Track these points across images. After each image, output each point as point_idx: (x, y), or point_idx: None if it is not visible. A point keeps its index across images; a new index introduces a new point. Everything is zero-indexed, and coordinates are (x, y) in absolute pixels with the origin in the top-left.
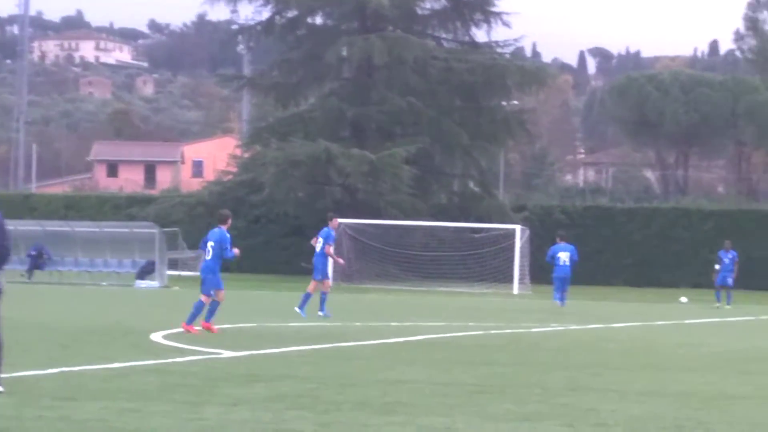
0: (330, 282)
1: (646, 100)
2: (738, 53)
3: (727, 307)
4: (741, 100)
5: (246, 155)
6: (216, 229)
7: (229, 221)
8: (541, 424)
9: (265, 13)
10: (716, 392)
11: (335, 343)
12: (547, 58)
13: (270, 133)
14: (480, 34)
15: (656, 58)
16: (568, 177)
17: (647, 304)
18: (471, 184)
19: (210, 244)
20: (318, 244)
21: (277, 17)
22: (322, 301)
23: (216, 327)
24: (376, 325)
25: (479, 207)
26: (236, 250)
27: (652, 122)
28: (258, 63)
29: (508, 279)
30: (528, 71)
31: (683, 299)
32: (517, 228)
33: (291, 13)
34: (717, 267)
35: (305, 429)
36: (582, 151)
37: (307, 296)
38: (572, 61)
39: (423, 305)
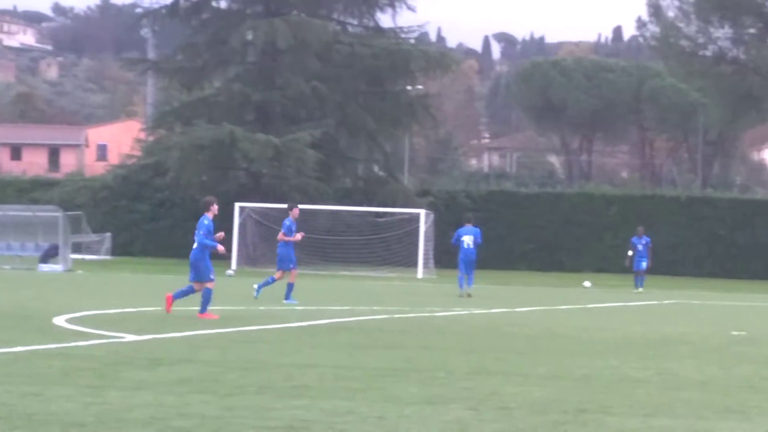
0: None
1: (550, 85)
2: (641, 39)
3: (640, 290)
4: (644, 85)
5: (150, 139)
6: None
7: (213, 207)
8: (444, 407)
9: None
10: (618, 376)
11: (239, 327)
12: (452, 43)
13: (174, 117)
14: (385, 19)
15: (560, 44)
16: (473, 162)
17: (551, 289)
18: (376, 169)
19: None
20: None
21: (182, 1)
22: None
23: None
24: (281, 309)
25: (384, 191)
26: (220, 247)
27: (556, 107)
28: (163, 47)
29: (413, 263)
30: (432, 56)
31: (587, 284)
32: (422, 212)
33: None
34: (630, 253)
35: (208, 412)
36: (487, 136)
37: (289, 286)
38: (477, 46)
39: (328, 289)
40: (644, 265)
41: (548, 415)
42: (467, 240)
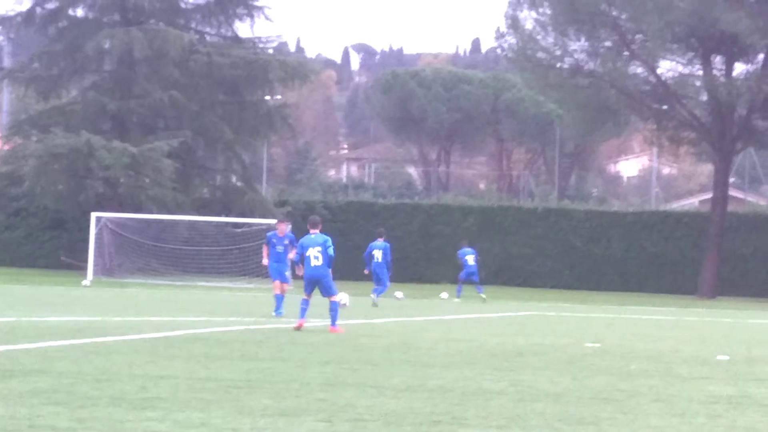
0: (287, 286)
1: (409, 96)
2: (499, 51)
3: (483, 296)
4: (501, 97)
5: (6, 148)
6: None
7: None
8: (298, 419)
9: (26, 4)
10: (473, 387)
11: (93, 338)
12: (311, 53)
13: (30, 125)
14: (244, 29)
15: (419, 56)
16: (332, 172)
17: (408, 300)
18: (234, 179)
19: None
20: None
21: (38, 8)
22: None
23: None
24: (136, 320)
25: (242, 201)
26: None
27: (414, 118)
28: (18, 54)
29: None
30: (290, 66)
31: (444, 295)
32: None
33: (52, 5)
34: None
35: (60, 424)
36: (345, 146)
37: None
38: (336, 57)
39: (184, 300)
40: (475, 277)
41: (402, 427)
42: (377, 254)
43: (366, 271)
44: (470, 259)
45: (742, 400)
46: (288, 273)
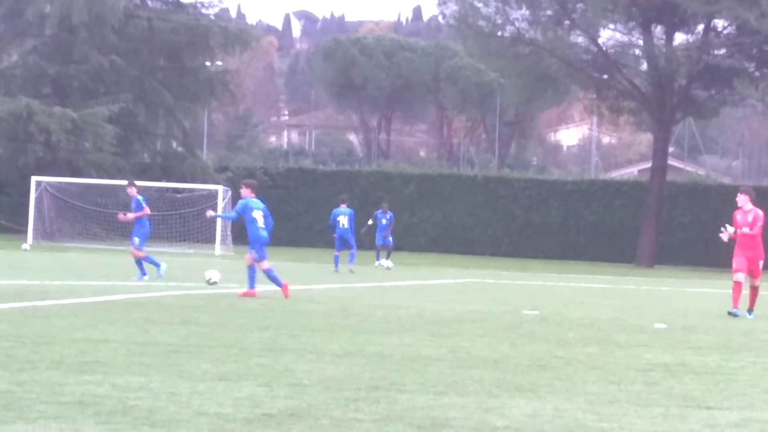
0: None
1: (350, 63)
2: (440, 19)
3: (388, 264)
4: (443, 65)
5: None
6: None
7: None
8: (237, 383)
9: None
10: (411, 354)
11: (33, 302)
12: (252, 20)
13: None
14: None
15: (361, 23)
16: (273, 139)
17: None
18: (174, 144)
19: None
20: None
21: None
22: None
23: None
24: (76, 284)
25: (182, 167)
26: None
27: (356, 86)
28: None
29: (211, 239)
30: (232, 32)
31: (383, 262)
32: (220, 188)
33: None
34: (370, 222)
35: None
36: (286, 113)
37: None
38: (278, 23)
39: (124, 265)
40: (390, 240)
41: (341, 392)
42: (342, 220)
43: (334, 235)
44: (384, 222)
45: (679, 368)
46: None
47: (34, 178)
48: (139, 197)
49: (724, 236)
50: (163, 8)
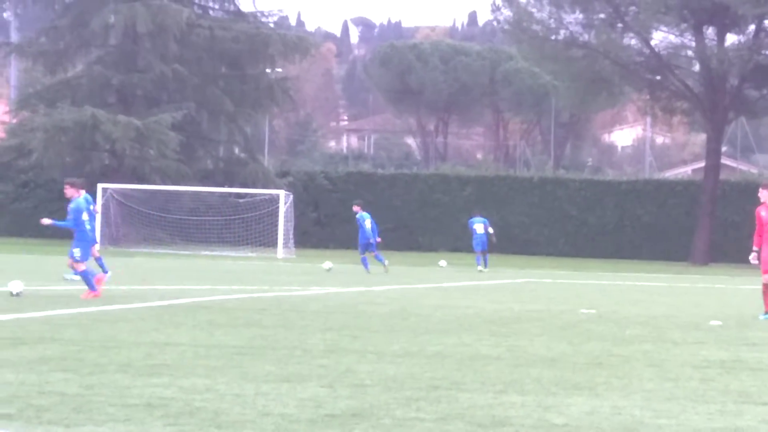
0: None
1: (407, 68)
2: (495, 24)
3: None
4: (498, 69)
5: (14, 121)
6: None
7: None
8: (301, 385)
9: None
10: (471, 353)
11: (101, 306)
12: (311, 27)
13: (38, 99)
14: (246, 4)
15: (417, 29)
16: (332, 143)
17: (407, 268)
18: (236, 150)
19: None
20: None
21: None
22: None
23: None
24: (142, 289)
25: (244, 172)
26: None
27: (413, 90)
28: (25, 29)
29: (273, 243)
30: (291, 40)
31: (442, 263)
32: (281, 193)
33: None
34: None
35: (69, 390)
36: (345, 118)
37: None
38: (336, 30)
39: (188, 269)
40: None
41: (402, 392)
42: (478, 228)
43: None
44: (479, 228)
45: (735, 365)
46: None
47: (100, 185)
48: (79, 202)
49: (753, 260)
50: (225, 18)
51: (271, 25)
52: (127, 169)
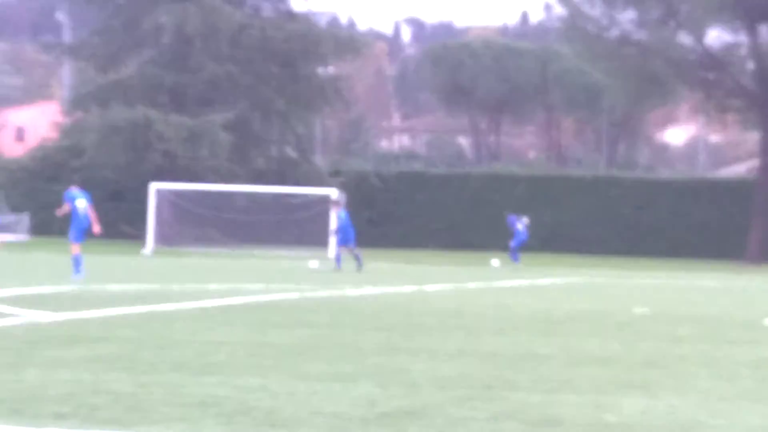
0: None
1: (459, 68)
2: (547, 23)
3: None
4: (550, 68)
5: (68, 121)
6: None
7: None
8: (354, 383)
9: None
10: (524, 352)
11: (154, 305)
12: (362, 27)
13: (91, 99)
14: (298, 3)
15: (468, 29)
16: (384, 143)
17: (460, 267)
18: (288, 150)
19: None
20: None
21: None
22: None
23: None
24: (196, 288)
25: (296, 172)
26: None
27: (465, 90)
28: (78, 30)
29: (325, 242)
30: (342, 40)
31: (495, 262)
32: (333, 192)
33: None
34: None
35: (123, 389)
36: (397, 117)
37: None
38: (388, 30)
39: (242, 268)
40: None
41: (455, 391)
42: (519, 226)
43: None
44: (520, 227)
45: None
46: None
47: (153, 185)
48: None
49: None
50: (276, 18)
51: (323, 25)
52: (179, 169)
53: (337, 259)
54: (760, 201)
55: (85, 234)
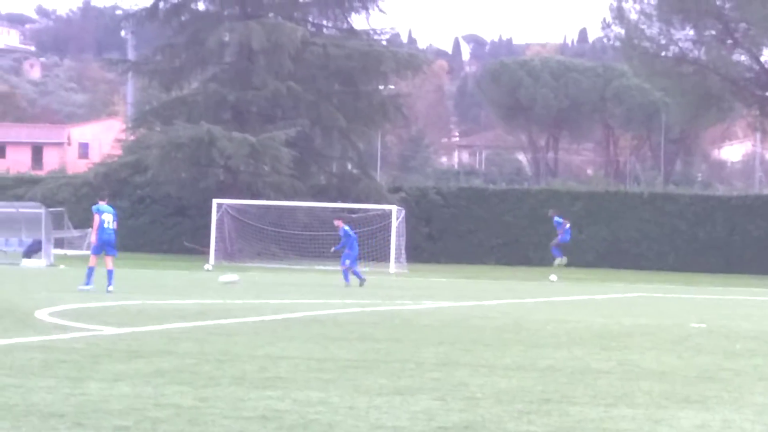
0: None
1: (518, 85)
2: (605, 41)
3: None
4: (609, 85)
5: (131, 138)
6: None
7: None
8: (413, 397)
9: None
10: (581, 367)
11: (216, 320)
12: (422, 44)
13: (154, 116)
14: (359, 21)
15: (527, 46)
16: (444, 159)
17: (518, 282)
18: (349, 166)
19: None
20: None
21: (161, 3)
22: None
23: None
24: (256, 303)
25: (357, 188)
26: None
27: (524, 106)
28: (142, 47)
29: (385, 257)
30: (402, 57)
31: (553, 277)
32: (394, 208)
33: None
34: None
35: (184, 403)
36: (456, 134)
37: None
38: (447, 47)
39: (302, 283)
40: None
41: (513, 405)
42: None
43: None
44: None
45: None
46: None
47: (215, 201)
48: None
49: None
50: (338, 35)
51: (384, 42)
52: (241, 185)
53: (346, 274)
54: None
55: (110, 247)
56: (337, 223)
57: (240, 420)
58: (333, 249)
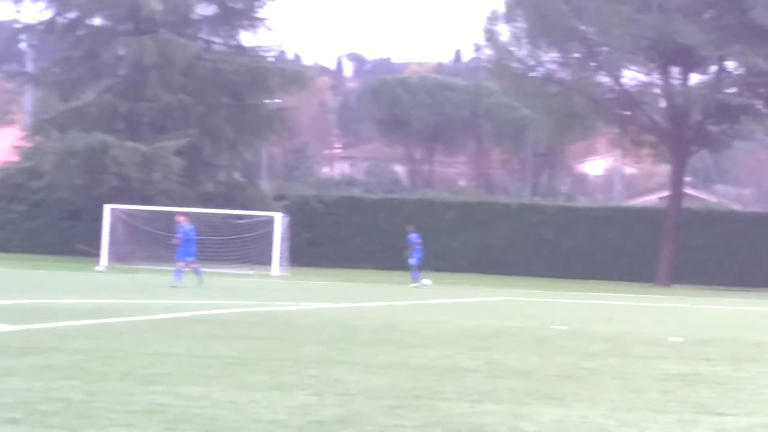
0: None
1: (396, 101)
2: (478, 61)
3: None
4: (481, 103)
5: (28, 145)
6: None
7: None
8: (291, 393)
9: (48, 13)
10: (450, 365)
11: (107, 318)
12: (308, 61)
13: (51, 124)
14: (247, 38)
15: (406, 64)
16: (326, 169)
17: (394, 286)
18: (236, 175)
19: None
20: None
21: (59, 17)
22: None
23: None
24: (146, 302)
25: (243, 195)
26: None
27: (401, 121)
28: (40, 59)
29: (269, 261)
30: (289, 74)
31: (426, 281)
32: (278, 215)
33: (71, 14)
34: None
35: (73, 397)
36: (338, 146)
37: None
38: (331, 64)
39: (190, 285)
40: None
41: (385, 400)
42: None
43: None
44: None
45: (693, 378)
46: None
47: (107, 206)
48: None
49: None
50: (227, 51)
51: (271, 59)
52: (133, 191)
53: (177, 273)
54: (669, 228)
55: None
56: (179, 218)
57: (126, 414)
58: (173, 241)
